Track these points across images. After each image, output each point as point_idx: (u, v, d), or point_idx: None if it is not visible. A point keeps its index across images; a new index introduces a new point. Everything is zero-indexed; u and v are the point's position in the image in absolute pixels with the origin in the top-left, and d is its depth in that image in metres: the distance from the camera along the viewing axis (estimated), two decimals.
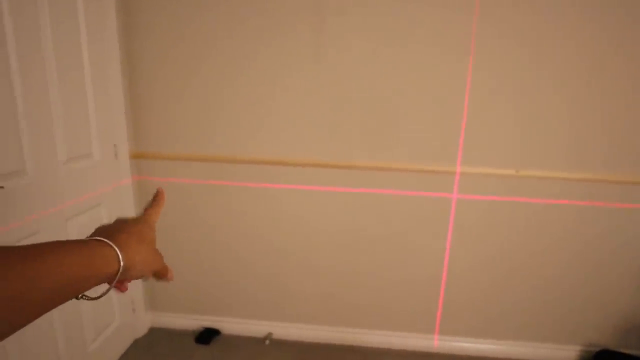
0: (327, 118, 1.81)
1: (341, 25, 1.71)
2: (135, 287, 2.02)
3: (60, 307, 1.39)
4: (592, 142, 1.74)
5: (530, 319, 1.99)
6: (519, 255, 1.91)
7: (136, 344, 2.02)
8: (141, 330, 2.09)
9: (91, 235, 0.46)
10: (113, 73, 1.74)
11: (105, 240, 0.43)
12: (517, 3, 1.63)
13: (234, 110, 1.84)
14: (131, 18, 1.77)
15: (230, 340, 2.08)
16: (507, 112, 1.74)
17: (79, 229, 1.58)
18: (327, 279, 2.03)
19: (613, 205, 1.81)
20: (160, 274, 0.54)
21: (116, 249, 0.43)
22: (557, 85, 1.70)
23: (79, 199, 1.58)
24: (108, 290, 0.45)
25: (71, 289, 0.39)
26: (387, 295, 2.03)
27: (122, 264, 0.43)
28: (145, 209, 0.56)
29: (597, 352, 1.94)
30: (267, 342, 2.06)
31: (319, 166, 1.86)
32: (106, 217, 1.76)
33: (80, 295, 0.43)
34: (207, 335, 2.06)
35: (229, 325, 2.13)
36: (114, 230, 0.47)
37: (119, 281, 0.46)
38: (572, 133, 1.74)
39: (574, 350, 2.01)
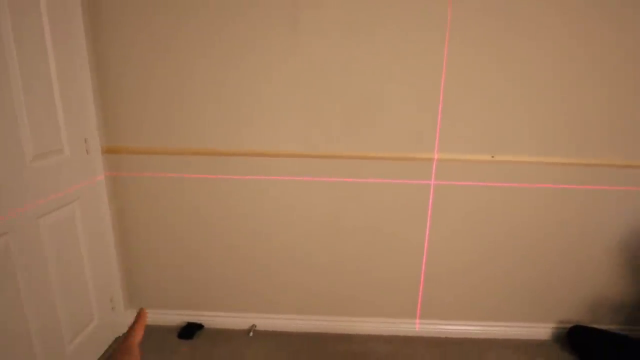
0: (306, 108, 1.80)
1: (317, 14, 1.68)
2: (114, 284, 1.98)
3: (36, 307, 1.36)
4: (563, 127, 1.79)
5: (506, 300, 2.06)
6: (495, 238, 1.96)
7: (117, 342, 1.99)
8: (121, 329, 2.05)
9: None
10: (80, 65, 1.68)
11: None
12: None
13: (211, 102, 1.80)
14: (98, 7, 1.70)
15: (214, 334, 2.07)
16: (482, 99, 1.77)
17: (52, 227, 1.54)
18: (309, 269, 2.04)
19: (584, 187, 1.87)
20: None
21: None
22: (529, 73, 1.73)
23: (50, 196, 1.53)
24: None
25: None
26: (369, 282, 2.05)
27: None
28: (129, 328, 0.57)
29: (570, 328, 2.02)
30: (251, 334, 2.06)
31: (299, 157, 1.85)
32: (80, 214, 1.71)
33: None
34: (190, 330, 2.04)
35: (212, 319, 2.11)
36: None
37: None
38: (544, 118, 1.78)
39: (548, 327, 2.09)
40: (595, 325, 2.02)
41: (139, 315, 0.59)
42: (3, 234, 1.31)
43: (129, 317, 2.11)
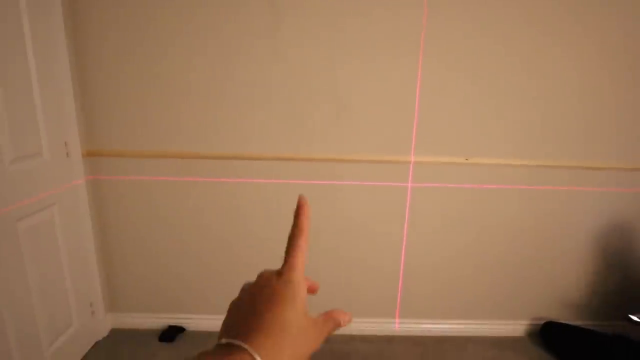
0: (285, 112, 1.84)
1: (297, 20, 1.73)
2: (93, 288, 1.97)
3: (14, 311, 1.34)
4: (534, 130, 1.87)
5: (482, 298, 2.12)
6: (470, 238, 2.02)
7: (97, 346, 1.98)
8: (102, 333, 2.04)
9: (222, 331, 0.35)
10: (60, 66, 1.68)
11: (244, 346, 0.32)
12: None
13: (191, 106, 1.83)
14: (78, 9, 1.71)
15: (195, 337, 2.08)
16: (456, 103, 1.84)
17: (30, 230, 1.53)
18: None
19: (555, 188, 1.95)
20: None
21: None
22: (502, 79, 1.81)
23: (29, 199, 1.52)
24: None
25: None
26: (349, 283, 2.09)
27: None
28: (287, 250, 0.40)
29: (543, 325, 2.09)
30: None
31: (277, 159, 1.88)
32: (60, 218, 1.70)
33: None
34: (171, 333, 2.04)
35: (194, 322, 2.12)
36: (244, 325, 0.34)
37: None
38: (516, 123, 1.86)
39: (522, 324, 2.16)
40: (567, 322, 2.10)
41: (300, 207, 0.41)
42: None
43: (110, 321, 2.10)
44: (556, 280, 2.09)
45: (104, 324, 2.05)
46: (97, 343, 2.00)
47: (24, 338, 1.52)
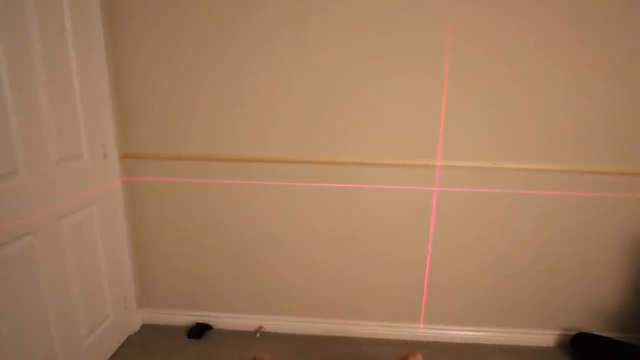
0: (310, 115, 1.87)
1: (322, 22, 1.76)
2: (127, 284, 2.06)
3: (56, 303, 1.41)
4: (563, 135, 1.83)
5: (510, 306, 2.08)
6: (498, 244, 1.99)
7: (129, 340, 2.06)
8: (134, 327, 2.13)
9: None
10: (100, 74, 1.78)
11: None
12: (491, 3, 1.70)
13: (224, 110, 1.89)
14: (116, 16, 1.81)
15: (222, 335, 2.13)
16: (484, 107, 1.82)
17: (72, 228, 1.63)
18: (316, 272, 2.09)
19: (586, 194, 1.90)
20: None
21: None
22: (529, 82, 1.78)
23: (70, 199, 1.61)
24: None
25: None
26: (374, 286, 2.09)
27: None
28: None
29: (574, 335, 2.03)
30: (258, 335, 2.12)
31: (307, 163, 1.92)
32: (97, 217, 1.79)
33: None
34: (199, 330, 2.11)
35: (221, 320, 2.18)
36: None
37: None
38: (545, 126, 1.83)
39: (552, 334, 2.10)
40: (599, 333, 2.03)
41: None
42: (28, 234, 1.39)
43: (141, 316, 2.18)
44: (588, 289, 2.03)
45: (135, 318, 2.14)
46: (129, 337, 2.08)
47: (65, 329, 1.60)
